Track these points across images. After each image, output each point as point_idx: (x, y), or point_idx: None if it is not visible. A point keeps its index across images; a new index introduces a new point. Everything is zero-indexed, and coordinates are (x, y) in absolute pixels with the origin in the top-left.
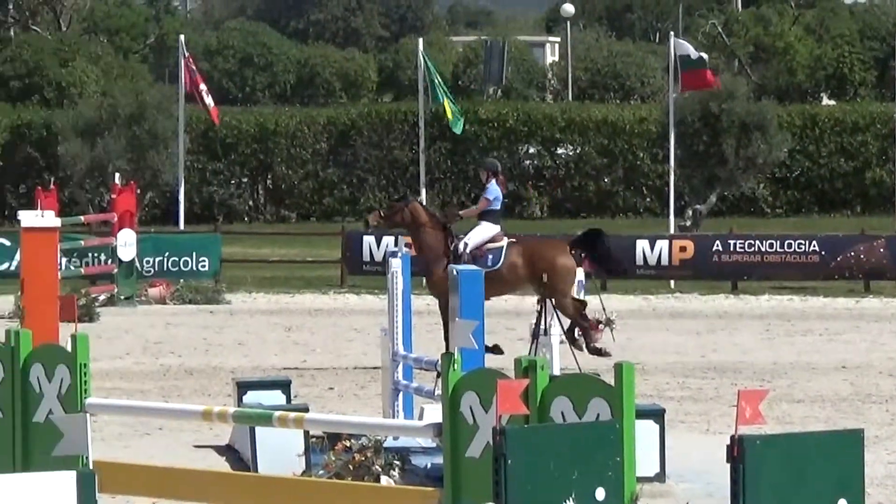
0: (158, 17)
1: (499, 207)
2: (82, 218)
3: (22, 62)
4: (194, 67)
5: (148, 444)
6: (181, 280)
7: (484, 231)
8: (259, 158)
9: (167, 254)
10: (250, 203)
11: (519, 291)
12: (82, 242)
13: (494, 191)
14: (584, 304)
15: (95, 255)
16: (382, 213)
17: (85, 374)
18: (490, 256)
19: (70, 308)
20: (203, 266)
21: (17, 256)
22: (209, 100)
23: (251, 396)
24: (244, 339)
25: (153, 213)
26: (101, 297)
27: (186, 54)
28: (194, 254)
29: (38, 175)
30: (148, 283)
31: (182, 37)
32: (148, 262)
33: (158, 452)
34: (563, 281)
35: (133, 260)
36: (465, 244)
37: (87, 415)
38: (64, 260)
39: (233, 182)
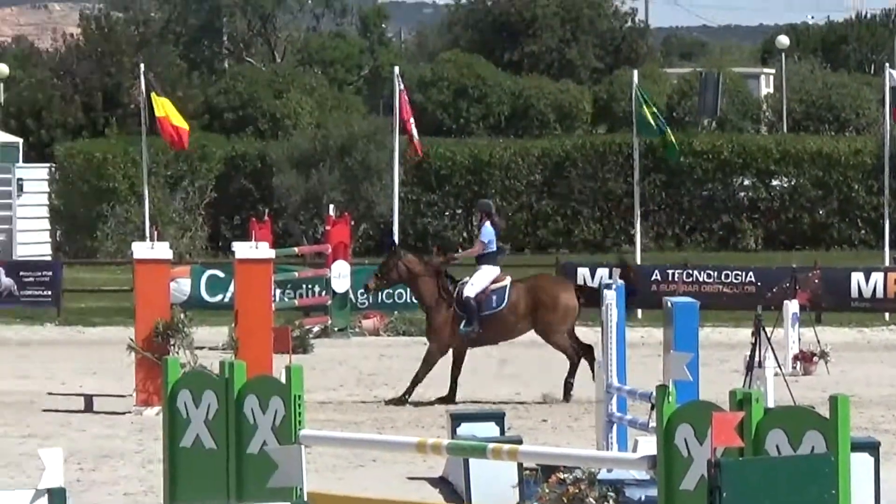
0: (373, 49)
1: (495, 248)
2: (296, 249)
3: (236, 94)
4: (406, 99)
5: (362, 475)
6: (395, 312)
7: (486, 275)
8: (473, 190)
9: None
10: (464, 234)
11: (525, 330)
12: (296, 274)
13: (489, 233)
14: (589, 347)
15: (309, 286)
16: (378, 275)
17: (299, 405)
18: (494, 297)
19: (284, 339)
20: (415, 297)
21: (232, 288)
22: (415, 132)
23: (465, 428)
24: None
25: (367, 244)
26: (315, 329)
27: (402, 86)
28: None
29: (252, 206)
30: (362, 314)
31: (397, 68)
32: (362, 293)
33: (372, 484)
34: (562, 318)
35: (347, 291)
36: (471, 286)
37: (302, 446)
38: (278, 291)
39: (447, 213)
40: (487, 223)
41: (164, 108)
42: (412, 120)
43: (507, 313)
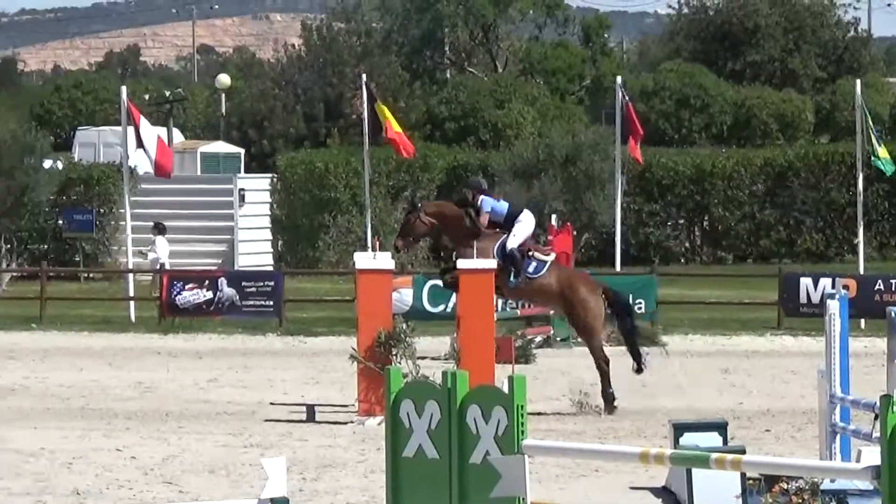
0: (595, 59)
1: (505, 210)
2: None
3: (458, 104)
4: (631, 108)
5: (584, 485)
6: None
7: (525, 226)
8: (695, 200)
9: None
10: (686, 245)
11: (540, 308)
12: None
13: (488, 203)
14: (606, 360)
15: None
16: (401, 233)
17: (522, 415)
18: (534, 264)
19: (507, 349)
20: (639, 307)
21: (454, 298)
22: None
23: (687, 438)
24: (680, 381)
25: (590, 254)
26: (537, 339)
27: (626, 96)
28: (630, 296)
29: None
30: None
31: (619, 78)
32: None
33: (595, 494)
34: (593, 318)
35: None
36: (514, 238)
37: (525, 456)
38: (500, 301)
39: (669, 223)
40: (483, 198)
41: (387, 115)
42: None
43: (536, 287)
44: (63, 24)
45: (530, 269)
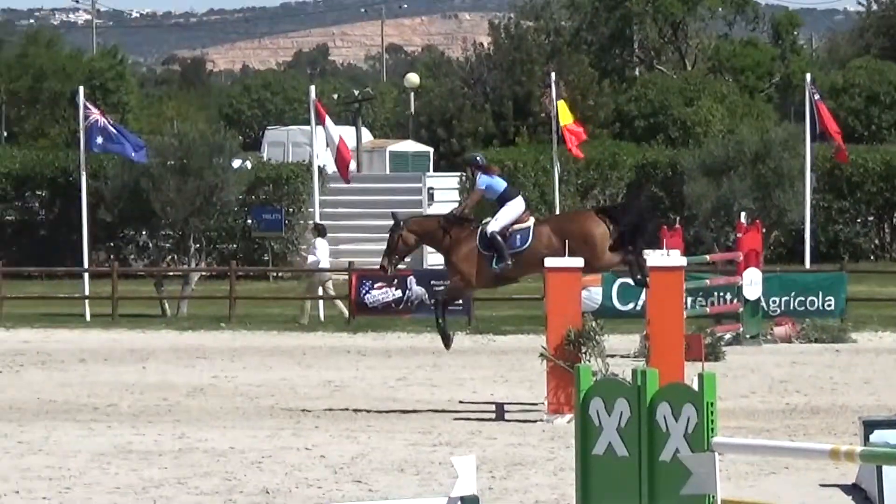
0: (784, 56)
1: (501, 189)
2: (707, 257)
3: (647, 102)
4: (825, 107)
5: (773, 482)
6: (807, 319)
7: (510, 210)
8: (885, 196)
9: (793, 293)
10: (876, 241)
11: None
12: (707, 282)
13: (484, 181)
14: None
15: (721, 294)
16: (386, 252)
17: (712, 412)
18: (518, 236)
19: (696, 347)
20: (829, 305)
21: (643, 296)
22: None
23: (878, 435)
24: (870, 378)
25: (778, 251)
26: (727, 336)
27: (818, 94)
28: (820, 293)
29: (663, 214)
30: (773, 321)
31: (808, 75)
32: (773, 301)
33: (784, 491)
34: (602, 246)
35: (759, 299)
36: (495, 222)
37: (715, 453)
38: (689, 299)
39: (858, 220)
40: (480, 174)
41: (568, 113)
42: (832, 127)
43: (533, 253)
44: (251, 24)
45: (517, 244)
